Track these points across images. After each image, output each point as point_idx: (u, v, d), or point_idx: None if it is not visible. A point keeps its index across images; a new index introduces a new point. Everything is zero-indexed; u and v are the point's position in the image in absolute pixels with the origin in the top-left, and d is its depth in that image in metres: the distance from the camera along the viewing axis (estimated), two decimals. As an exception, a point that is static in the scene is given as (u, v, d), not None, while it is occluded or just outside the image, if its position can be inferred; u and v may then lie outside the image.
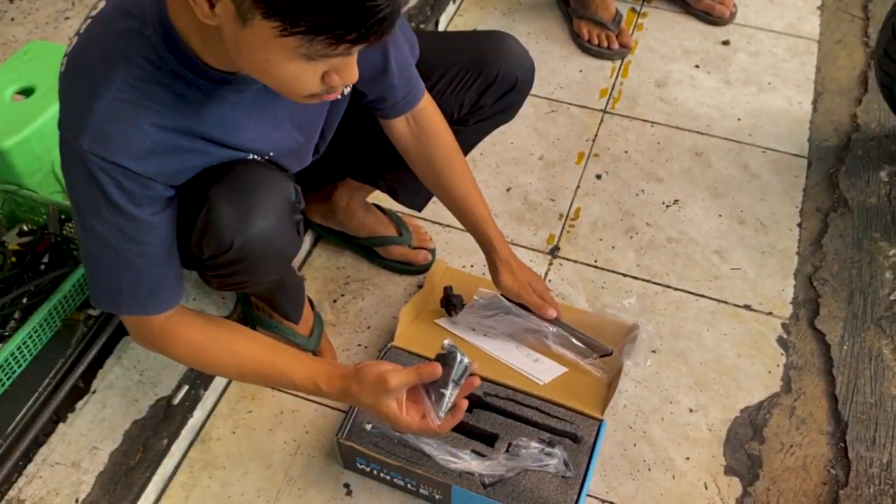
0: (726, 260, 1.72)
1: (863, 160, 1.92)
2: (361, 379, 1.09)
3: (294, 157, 1.19)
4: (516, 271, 1.41)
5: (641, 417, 1.46)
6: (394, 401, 1.08)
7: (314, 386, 1.12)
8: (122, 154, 0.94)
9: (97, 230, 1.00)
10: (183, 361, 1.21)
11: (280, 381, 1.15)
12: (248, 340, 1.15)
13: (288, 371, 1.13)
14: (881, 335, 1.59)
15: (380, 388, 1.07)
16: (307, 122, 1.16)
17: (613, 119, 2.03)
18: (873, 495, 1.37)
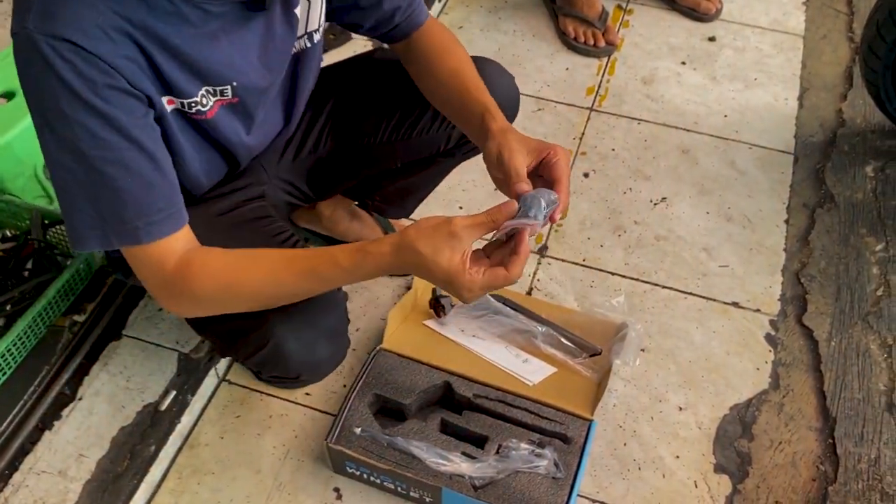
0: (714, 257, 1.72)
1: (849, 156, 1.93)
2: (420, 225, 0.92)
3: (259, 98, 1.09)
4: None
5: (631, 416, 1.46)
6: (459, 251, 0.91)
7: (361, 254, 0.95)
8: (71, 28, 0.84)
9: (65, 140, 0.88)
10: (210, 293, 1.00)
11: (322, 271, 0.98)
12: (274, 250, 1.05)
13: (329, 253, 0.98)
14: (868, 331, 1.60)
15: (443, 231, 0.90)
16: (275, 60, 1.09)
17: (600, 117, 2.02)
18: (862, 491, 1.37)
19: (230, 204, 1.23)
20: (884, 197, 1.84)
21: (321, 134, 1.37)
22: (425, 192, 1.60)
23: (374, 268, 0.98)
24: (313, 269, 0.99)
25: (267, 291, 1.02)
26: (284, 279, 1.00)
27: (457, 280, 0.93)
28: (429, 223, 0.94)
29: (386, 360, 1.41)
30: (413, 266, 0.96)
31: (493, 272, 0.94)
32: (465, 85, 1.16)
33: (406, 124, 1.34)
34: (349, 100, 1.36)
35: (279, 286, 1.01)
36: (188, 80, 0.97)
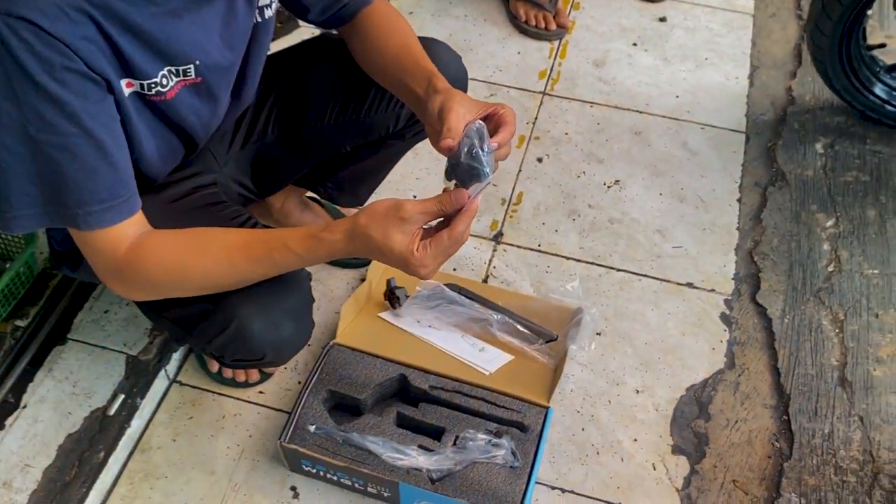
0: (668, 239, 1.72)
1: (799, 133, 1.94)
2: (371, 211, 0.94)
3: (223, 78, 1.07)
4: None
5: (588, 401, 1.46)
6: (409, 234, 0.93)
7: (315, 241, 0.96)
8: (29, 6, 0.81)
9: (11, 120, 0.85)
10: (161, 277, 0.98)
11: (275, 256, 0.97)
12: (228, 229, 1.03)
13: (282, 239, 0.97)
14: (820, 306, 1.61)
15: (393, 216, 0.92)
16: (237, 37, 1.07)
17: (553, 101, 2.01)
18: (816, 465, 1.39)
19: (183, 190, 1.20)
20: (833, 173, 1.85)
21: (267, 122, 1.34)
22: (378, 179, 1.57)
23: (328, 254, 0.98)
24: (267, 255, 0.99)
25: (220, 275, 1.00)
26: (238, 263, 0.99)
27: (409, 259, 0.94)
28: (380, 207, 0.95)
29: (340, 355, 1.39)
30: (366, 251, 0.97)
31: (438, 238, 0.94)
32: (413, 57, 1.15)
33: (352, 105, 1.32)
34: (293, 86, 1.33)
35: (233, 270, 1.00)
36: (149, 59, 0.94)
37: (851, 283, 1.65)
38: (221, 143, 1.29)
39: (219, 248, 0.98)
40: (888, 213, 1.77)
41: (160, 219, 1.02)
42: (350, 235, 0.95)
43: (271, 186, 1.43)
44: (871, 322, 1.59)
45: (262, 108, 1.31)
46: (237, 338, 1.05)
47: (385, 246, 0.94)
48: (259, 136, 1.33)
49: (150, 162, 1.07)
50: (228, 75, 1.10)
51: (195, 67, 1.01)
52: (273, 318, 1.06)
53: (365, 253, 0.97)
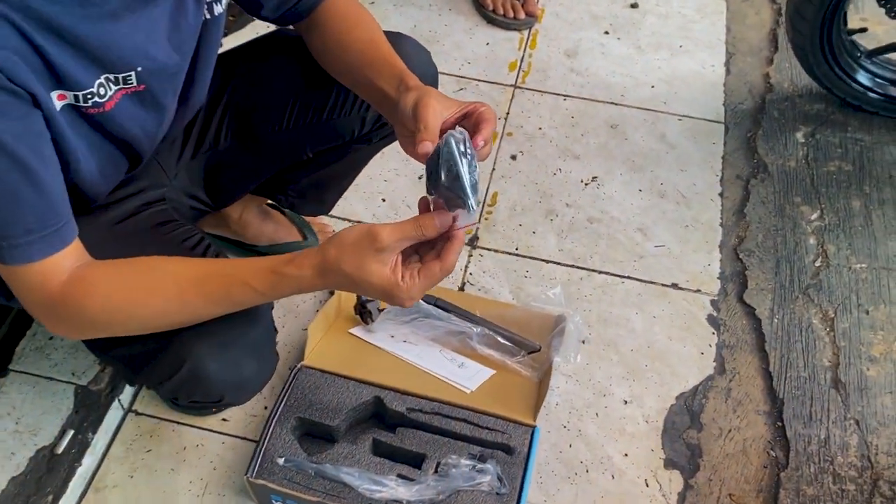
0: (650, 237, 1.65)
1: (779, 122, 1.88)
2: (341, 242, 0.84)
3: (169, 83, 0.96)
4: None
5: (575, 415, 1.38)
6: (388, 264, 0.84)
7: (278, 277, 0.86)
8: None
9: None
10: (103, 316, 0.87)
11: (234, 294, 0.88)
12: (178, 259, 0.92)
13: (241, 274, 0.87)
14: (809, 304, 1.55)
15: (367, 246, 0.83)
16: (186, 39, 0.96)
17: (525, 94, 1.92)
18: (814, 474, 1.33)
19: (128, 210, 1.08)
20: (816, 164, 1.79)
21: (220, 128, 1.22)
22: (344, 185, 1.47)
23: (294, 290, 0.89)
24: (224, 292, 0.89)
25: (171, 314, 0.90)
26: (192, 301, 0.89)
27: (393, 292, 0.86)
28: (350, 237, 0.85)
29: (308, 379, 1.29)
30: (340, 285, 0.88)
31: (428, 269, 0.86)
32: (380, 52, 1.05)
33: (312, 108, 1.21)
34: (247, 87, 1.21)
35: (186, 308, 0.90)
36: (84, 67, 0.83)
37: (840, 279, 1.59)
38: (170, 152, 1.18)
39: (170, 284, 0.87)
40: (873, 204, 1.72)
41: (101, 246, 0.92)
42: (320, 271, 0.85)
43: (227, 198, 1.31)
44: (862, 319, 1.53)
45: (213, 114, 1.20)
46: (191, 380, 0.95)
47: (362, 280, 0.85)
48: (211, 143, 1.21)
49: (88, 181, 0.95)
50: (175, 80, 0.99)
51: (137, 74, 0.90)
52: (231, 357, 0.95)
53: (339, 287, 0.89)
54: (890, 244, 1.65)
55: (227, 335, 0.94)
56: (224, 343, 0.94)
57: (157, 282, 0.88)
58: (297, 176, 1.36)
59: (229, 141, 1.21)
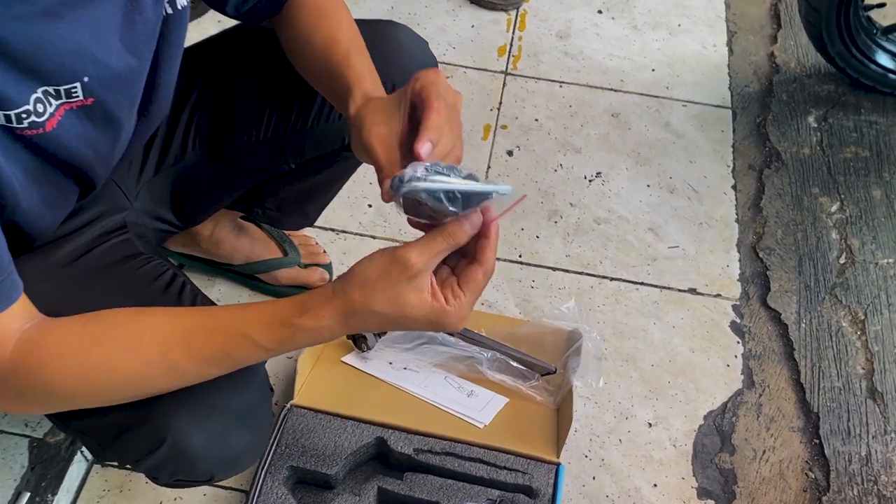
0: (662, 238, 1.52)
1: (788, 105, 1.76)
2: (364, 279, 0.68)
3: (123, 94, 0.79)
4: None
5: (597, 442, 1.25)
6: (426, 290, 0.69)
7: (290, 331, 0.70)
8: None
9: None
10: (66, 390, 0.71)
11: (233, 352, 0.71)
12: (159, 309, 0.74)
13: (240, 326, 0.70)
14: (838, 306, 1.44)
15: (396, 278, 0.67)
16: (142, 40, 0.79)
17: (517, 81, 1.76)
18: (858, 497, 1.22)
19: (82, 245, 0.90)
20: (831, 150, 1.68)
21: (186, 138, 1.04)
22: (330, 195, 1.30)
23: (310, 343, 0.73)
24: (222, 351, 0.72)
25: (152, 379, 0.73)
26: (179, 364, 0.72)
27: (441, 319, 0.70)
28: (373, 271, 0.69)
29: (300, 420, 1.13)
30: (372, 327, 0.72)
31: (470, 279, 0.70)
32: (333, 59, 0.88)
33: (294, 113, 1.04)
34: (217, 90, 1.04)
35: (171, 373, 0.72)
36: (15, 80, 0.66)
37: (867, 277, 1.48)
38: (129, 171, 1.00)
39: (150, 343, 0.70)
40: (894, 193, 1.61)
41: (53, 295, 0.75)
42: (346, 316, 0.69)
43: (198, 216, 1.14)
44: (894, 320, 1.42)
45: (178, 122, 1.02)
46: (173, 457, 0.78)
47: (403, 316, 0.69)
48: (177, 156, 1.04)
49: (31, 215, 0.78)
50: (131, 89, 0.81)
51: (83, 85, 0.72)
52: (220, 428, 0.78)
53: (371, 329, 0.73)
54: (915, 236, 1.54)
55: (214, 400, 0.78)
56: (210, 409, 0.78)
57: (134, 340, 0.71)
58: (276, 188, 1.19)
59: (197, 153, 1.04)
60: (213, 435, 0.78)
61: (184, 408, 0.76)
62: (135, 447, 0.78)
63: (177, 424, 0.76)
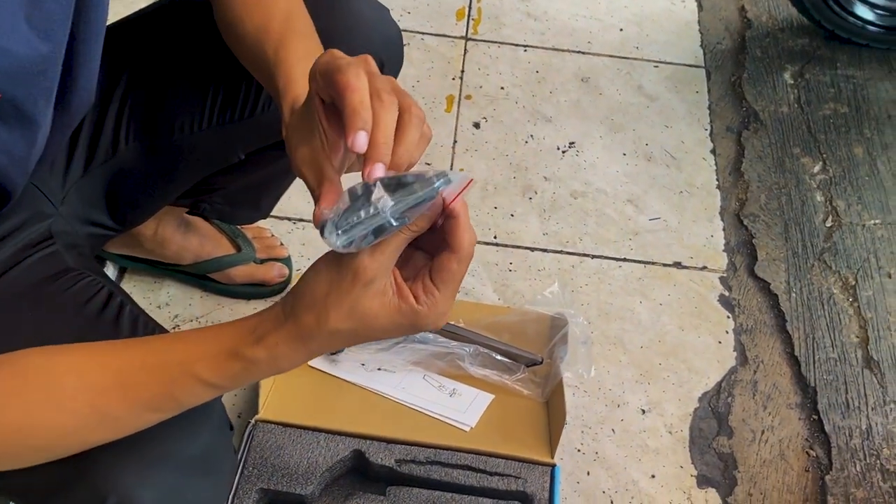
0: (642, 209, 1.43)
1: (763, 62, 1.68)
2: (312, 298, 0.56)
3: (35, 85, 0.66)
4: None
5: (589, 434, 1.17)
6: (386, 293, 0.57)
7: (243, 365, 0.58)
8: None
9: None
10: None
11: (178, 395, 0.60)
12: (85, 348, 0.62)
13: (183, 361, 0.59)
14: (827, 272, 1.38)
15: (347, 288, 0.56)
16: (54, 20, 0.65)
17: (479, 47, 1.65)
18: (861, 473, 1.17)
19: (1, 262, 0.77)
20: (809, 107, 1.61)
21: (118, 130, 0.91)
22: (285, 185, 1.17)
23: (269, 373, 0.60)
24: (165, 394, 0.60)
25: (86, 432, 0.60)
26: (114, 413, 0.60)
27: (414, 321, 0.58)
28: (320, 288, 0.56)
29: (268, 437, 1.02)
30: (343, 344, 0.60)
31: (443, 270, 0.57)
32: (267, 51, 0.74)
33: (241, 99, 0.91)
34: (149, 74, 0.90)
35: (106, 424, 0.60)
36: None
37: (855, 239, 1.42)
38: (52, 173, 0.86)
39: (74, 394, 0.58)
40: (876, 150, 1.55)
41: None
42: (302, 343, 0.57)
43: (138, 216, 1.01)
44: (885, 284, 1.37)
45: (105, 114, 0.88)
46: None
47: (368, 327, 0.57)
48: (108, 153, 0.90)
49: None
50: (44, 80, 0.67)
51: None
52: (172, 480, 0.66)
53: (338, 346, 0.61)
54: (900, 194, 1.49)
55: (163, 448, 0.66)
56: (160, 460, 0.66)
57: (55, 390, 0.58)
58: (225, 181, 1.06)
59: (132, 146, 0.90)
60: (164, 489, 0.66)
61: (127, 460, 0.64)
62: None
63: (120, 481, 0.64)
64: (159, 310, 1.22)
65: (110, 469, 0.64)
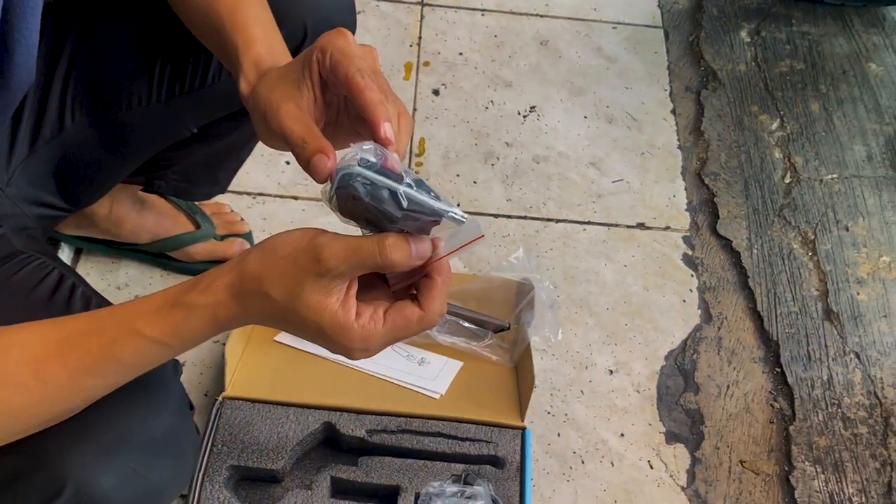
0: (605, 172, 1.43)
1: (720, 21, 1.68)
2: (268, 251, 0.55)
3: None
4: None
5: (558, 396, 1.18)
6: (332, 294, 0.54)
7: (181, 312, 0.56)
8: None
9: None
10: None
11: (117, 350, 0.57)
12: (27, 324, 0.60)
13: (123, 319, 0.57)
14: (787, 227, 1.40)
15: (302, 265, 0.54)
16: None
17: (435, 12, 1.62)
18: (824, 422, 1.20)
19: None
20: (766, 65, 1.61)
21: (63, 106, 0.87)
22: (242, 157, 1.14)
23: (210, 328, 0.58)
24: (107, 356, 0.58)
25: (32, 407, 0.59)
26: (57, 380, 0.57)
27: (339, 337, 0.55)
28: (283, 247, 0.55)
29: (236, 414, 1.01)
30: (266, 320, 0.58)
31: (400, 315, 0.56)
32: (220, 10, 0.72)
33: (189, 71, 0.88)
34: (93, 46, 0.87)
35: (51, 395, 0.58)
36: None
37: (813, 194, 1.44)
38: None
39: (16, 366, 0.56)
40: (832, 105, 1.56)
41: None
42: (238, 294, 0.55)
43: (89, 195, 0.98)
44: (843, 237, 1.39)
45: (49, 89, 0.85)
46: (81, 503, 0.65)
47: (295, 312, 0.55)
48: (55, 129, 0.87)
49: None
50: None
51: None
52: (133, 463, 0.65)
53: (265, 322, 0.58)
54: (856, 148, 1.51)
55: (121, 430, 0.64)
56: (120, 443, 0.64)
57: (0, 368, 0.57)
58: (178, 156, 1.04)
59: (78, 123, 0.87)
60: (124, 473, 0.64)
61: (85, 444, 0.62)
62: (30, 497, 0.65)
63: (78, 465, 0.62)
64: (119, 291, 1.20)
65: (67, 455, 0.62)
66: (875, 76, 1.62)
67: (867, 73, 1.62)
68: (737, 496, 1.12)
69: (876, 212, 1.43)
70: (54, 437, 0.61)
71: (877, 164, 1.49)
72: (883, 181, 1.47)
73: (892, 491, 1.15)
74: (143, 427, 0.66)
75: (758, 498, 1.12)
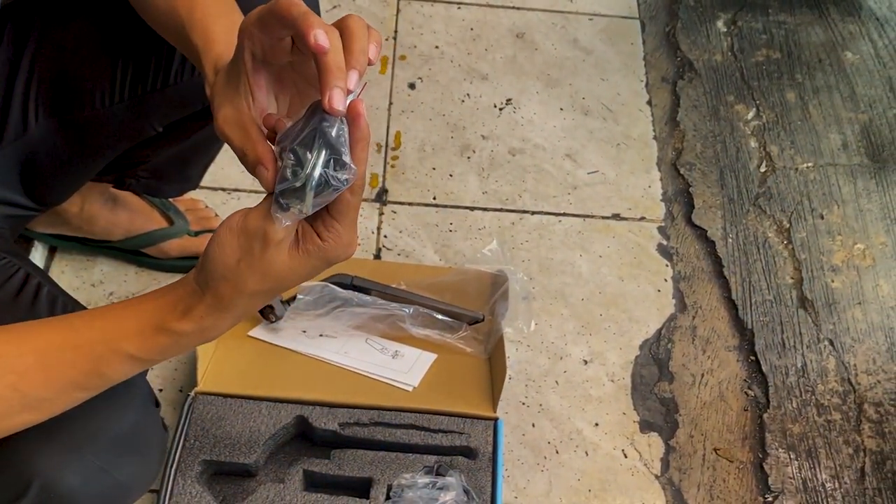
0: (580, 164, 1.44)
1: (696, 11, 1.68)
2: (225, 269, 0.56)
3: None
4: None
5: (533, 388, 1.19)
6: (293, 245, 0.56)
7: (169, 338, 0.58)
8: None
9: None
10: None
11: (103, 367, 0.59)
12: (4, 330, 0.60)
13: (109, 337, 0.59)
14: (762, 216, 1.40)
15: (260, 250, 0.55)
16: None
17: (412, 6, 1.62)
18: (797, 409, 1.21)
19: None
20: (742, 54, 1.62)
21: (25, 107, 0.87)
22: (212, 154, 1.14)
23: (199, 343, 0.60)
24: (91, 370, 0.59)
25: (10, 418, 0.59)
26: (38, 395, 0.58)
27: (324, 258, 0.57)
28: (230, 257, 0.56)
29: (208, 408, 1.02)
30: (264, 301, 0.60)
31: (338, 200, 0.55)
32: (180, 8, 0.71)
33: (152, 70, 0.87)
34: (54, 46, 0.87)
35: (32, 407, 0.59)
36: None
37: (788, 183, 1.45)
38: (-42, 151, 0.83)
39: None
40: (808, 94, 1.57)
41: None
42: (224, 311, 0.57)
43: (57, 195, 0.98)
44: (818, 225, 1.40)
45: (12, 90, 0.85)
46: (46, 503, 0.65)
47: (284, 279, 0.57)
48: (18, 130, 0.87)
49: None
50: None
51: None
52: (98, 461, 0.65)
53: (261, 305, 0.60)
54: (832, 136, 1.51)
55: (87, 429, 0.64)
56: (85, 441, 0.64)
57: None
58: (147, 154, 1.03)
59: (42, 123, 0.87)
60: (90, 470, 0.65)
61: (50, 443, 0.63)
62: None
63: (44, 464, 0.63)
64: (93, 288, 1.20)
65: (33, 454, 0.63)
66: (851, 65, 1.62)
67: (843, 62, 1.62)
68: (711, 484, 1.13)
69: (850, 200, 1.43)
70: (19, 437, 0.61)
71: (852, 153, 1.50)
72: (858, 169, 1.47)
73: (865, 476, 1.16)
74: (109, 425, 0.66)
75: (732, 485, 1.13)
